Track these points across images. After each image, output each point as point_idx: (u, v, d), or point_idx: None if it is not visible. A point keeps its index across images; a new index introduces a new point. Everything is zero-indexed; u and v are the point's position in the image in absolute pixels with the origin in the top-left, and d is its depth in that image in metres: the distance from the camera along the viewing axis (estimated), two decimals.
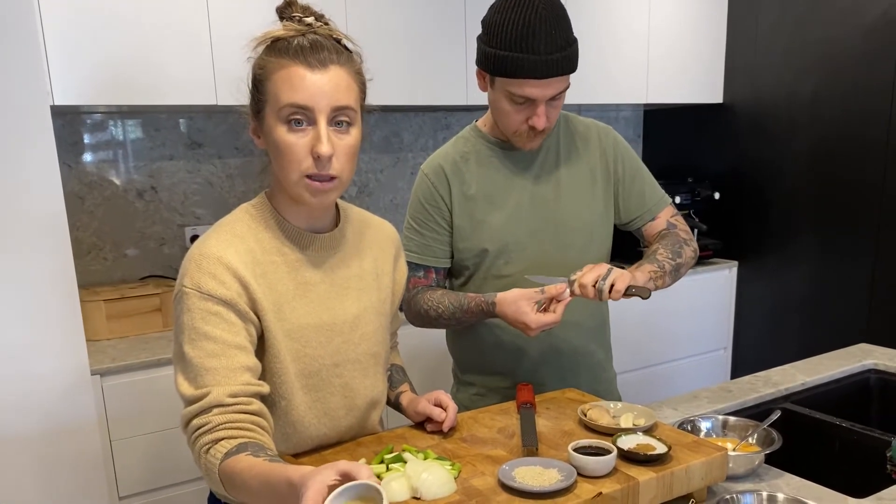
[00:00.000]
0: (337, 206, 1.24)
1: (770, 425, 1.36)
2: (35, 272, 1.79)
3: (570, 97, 1.50)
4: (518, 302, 1.38)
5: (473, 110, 3.11)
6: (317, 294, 1.16)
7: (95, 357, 2.09)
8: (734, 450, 1.31)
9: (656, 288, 1.47)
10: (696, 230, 3.32)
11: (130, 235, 2.58)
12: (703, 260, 3.37)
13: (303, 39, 1.06)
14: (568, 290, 1.36)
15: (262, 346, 1.12)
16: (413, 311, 1.57)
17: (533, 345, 1.55)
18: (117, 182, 2.53)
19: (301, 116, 1.05)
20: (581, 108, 3.39)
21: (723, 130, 3.42)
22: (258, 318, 1.10)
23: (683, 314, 3.28)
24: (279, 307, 1.12)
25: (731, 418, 1.40)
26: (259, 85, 1.08)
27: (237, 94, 1.17)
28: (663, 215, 1.63)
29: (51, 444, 1.87)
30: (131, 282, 2.55)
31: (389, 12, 2.56)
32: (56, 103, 2.02)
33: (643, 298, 1.37)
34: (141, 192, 2.58)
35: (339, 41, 1.10)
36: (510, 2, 1.37)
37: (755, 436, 1.35)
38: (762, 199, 3.30)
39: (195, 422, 1.02)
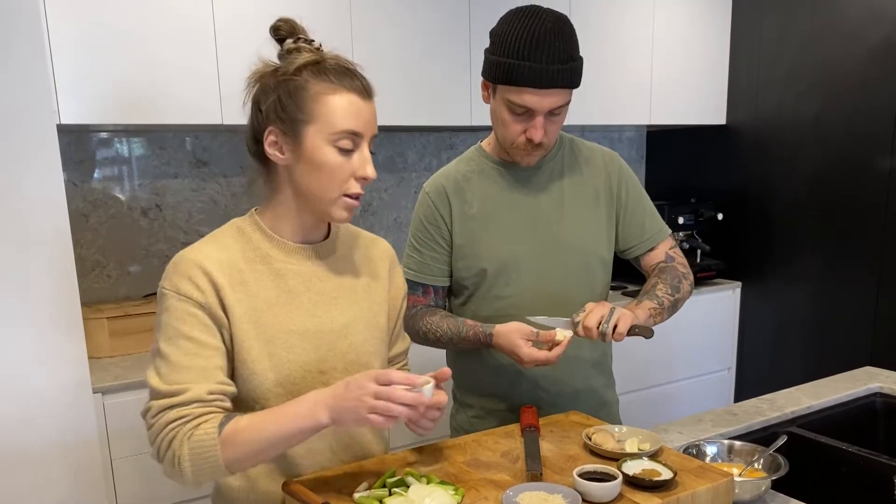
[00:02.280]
0: None
1: (776, 450, 1.35)
2: (38, 289, 1.79)
3: (574, 118, 1.51)
4: (512, 335, 1.40)
5: (478, 131, 3.11)
6: (301, 302, 1.19)
7: (97, 374, 2.09)
8: (740, 475, 1.29)
9: (654, 324, 1.48)
10: (699, 251, 3.32)
11: (134, 253, 2.58)
12: (706, 280, 3.36)
13: (337, 64, 1.12)
14: (563, 335, 1.37)
15: (231, 352, 1.15)
16: (412, 330, 1.57)
17: (532, 370, 1.54)
18: (122, 200, 2.54)
19: (351, 142, 1.11)
20: (584, 129, 3.40)
21: (726, 151, 3.43)
22: (229, 324, 1.13)
23: (687, 335, 3.27)
24: (259, 314, 1.15)
25: (737, 443, 1.39)
26: (301, 103, 1.11)
27: (243, 113, 1.20)
28: (662, 247, 1.63)
29: (51, 461, 1.85)
30: (135, 299, 2.54)
31: (394, 33, 2.57)
32: (63, 122, 2.03)
33: (646, 338, 1.39)
34: (146, 211, 2.59)
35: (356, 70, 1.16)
36: (519, 13, 1.39)
37: (761, 461, 1.33)
38: (765, 220, 3.30)
39: (172, 414, 1.06)
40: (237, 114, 2.26)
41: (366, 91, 1.13)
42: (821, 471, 1.55)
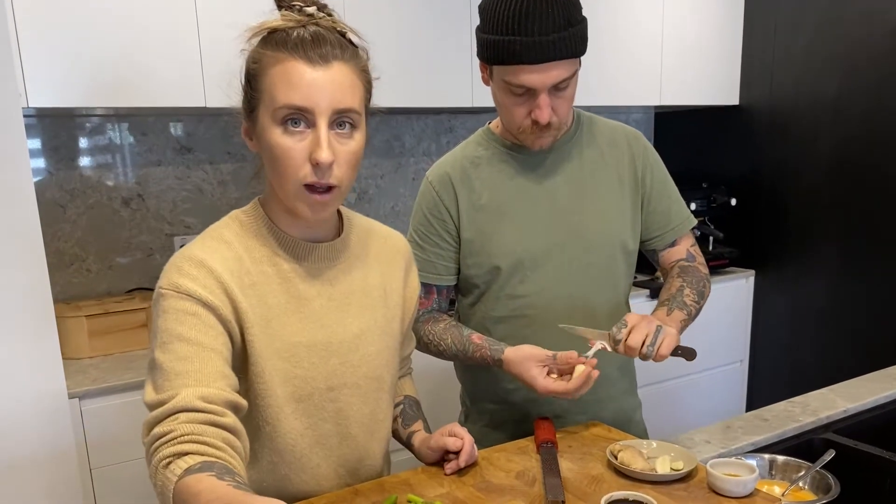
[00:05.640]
0: (339, 212, 1.12)
1: (815, 462, 1.21)
2: (5, 286, 1.64)
3: (577, 100, 1.35)
4: (525, 363, 1.26)
5: (479, 112, 2.96)
6: (312, 310, 1.04)
7: (74, 378, 1.95)
8: (783, 495, 1.16)
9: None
10: (711, 238, 3.17)
11: (116, 246, 2.43)
12: (719, 269, 3.22)
13: (303, 31, 0.94)
14: (589, 356, 1.22)
15: (245, 364, 1.00)
16: (415, 338, 1.43)
17: None
18: (101, 189, 2.38)
19: (299, 118, 0.94)
20: (589, 111, 3.24)
21: (739, 133, 3.27)
22: (241, 331, 0.98)
23: (698, 326, 3.04)
24: (268, 322, 1.00)
25: (780, 458, 1.25)
26: (252, 81, 0.97)
27: (227, 95, 1.05)
28: (684, 243, 1.49)
29: (24, 473, 1.72)
30: (117, 295, 2.40)
31: (389, 7, 2.41)
32: (30, 105, 1.87)
33: (687, 360, 1.25)
34: (127, 200, 2.43)
35: (343, 34, 0.98)
36: None
37: (808, 479, 1.19)
38: (781, 205, 3.14)
39: (157, 430, 0.87)
40: (222, 96, 2.12)
41: (320, 58, 0.93)
42: (862, 483, 1.41)
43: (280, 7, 0.99)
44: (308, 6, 0.98)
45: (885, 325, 2.83)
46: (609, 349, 1.24)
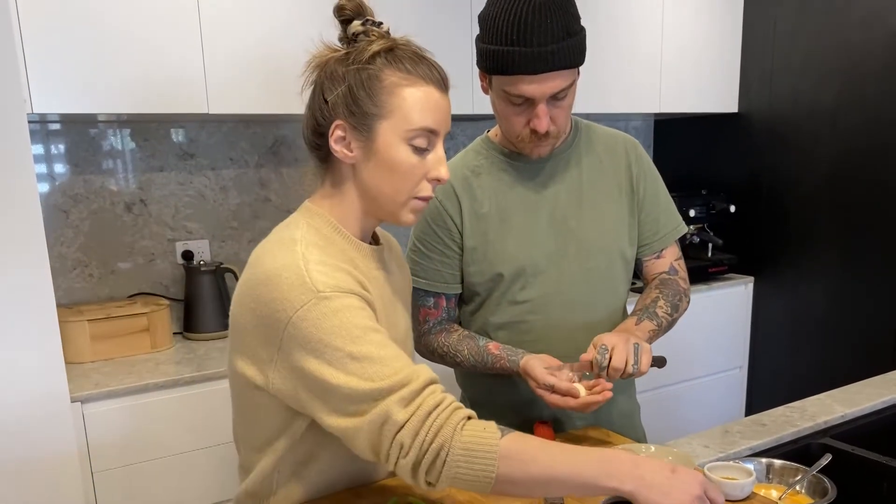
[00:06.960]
0: None
1: (812, 466, 1.22)
2: (9, 290, 1.66)
3: (578, 106, 1.37)
4: (530, 383, 1.29)
5: (479, 120, 2.97)
6: (384, 308, 1.09)
7: (77, 382, 1.96)
8: (780, 499, 1.17)
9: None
10: (710, 245, 3.19)
11: (118, 251, 2.44)
12: (717, 275, 3.23)
13: (410, 51, 1.03)
14: (584, 391, 1.24)
15: None
16: (426, 349, 1.45)
17: None
18: (104, 194, 2.40)
19: (426, 140, 1.02)
20: (589, 118, 3.26)
21: (738, 140, 3.29)
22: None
23: (697, 332, 3.13)
24: None
25: (777, 461, 1.26)
26: (375, 95, 1.00)
27: (228, 102, 1.06)
28: (669, 255, 1.50)
29: (26, 476, 1.73)
30: (119, 299, 2.41)
31: (390, 13, 2.42)
32: (34, 111, 1.89)
33: (659, 368, 1.29)
34: (129, 206, 2.44)
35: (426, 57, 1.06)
36: None
37: (804, 483, 1.20)
38: (780, 212, 3.16)
39: (427, 399, 0.91)
40: (224, 102, 2.15)
41: (443, 82, 1.05)
42: (859, 487, 1.42)
43: (347, 21, 1.03)
44: (379, 24, 1.05)
45: (883, 331, 2.84)
46: (577, 380, 1.25)
